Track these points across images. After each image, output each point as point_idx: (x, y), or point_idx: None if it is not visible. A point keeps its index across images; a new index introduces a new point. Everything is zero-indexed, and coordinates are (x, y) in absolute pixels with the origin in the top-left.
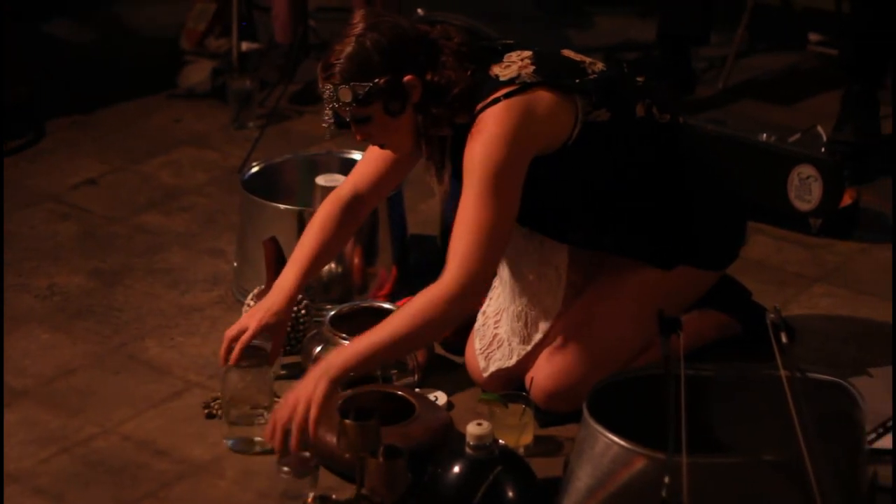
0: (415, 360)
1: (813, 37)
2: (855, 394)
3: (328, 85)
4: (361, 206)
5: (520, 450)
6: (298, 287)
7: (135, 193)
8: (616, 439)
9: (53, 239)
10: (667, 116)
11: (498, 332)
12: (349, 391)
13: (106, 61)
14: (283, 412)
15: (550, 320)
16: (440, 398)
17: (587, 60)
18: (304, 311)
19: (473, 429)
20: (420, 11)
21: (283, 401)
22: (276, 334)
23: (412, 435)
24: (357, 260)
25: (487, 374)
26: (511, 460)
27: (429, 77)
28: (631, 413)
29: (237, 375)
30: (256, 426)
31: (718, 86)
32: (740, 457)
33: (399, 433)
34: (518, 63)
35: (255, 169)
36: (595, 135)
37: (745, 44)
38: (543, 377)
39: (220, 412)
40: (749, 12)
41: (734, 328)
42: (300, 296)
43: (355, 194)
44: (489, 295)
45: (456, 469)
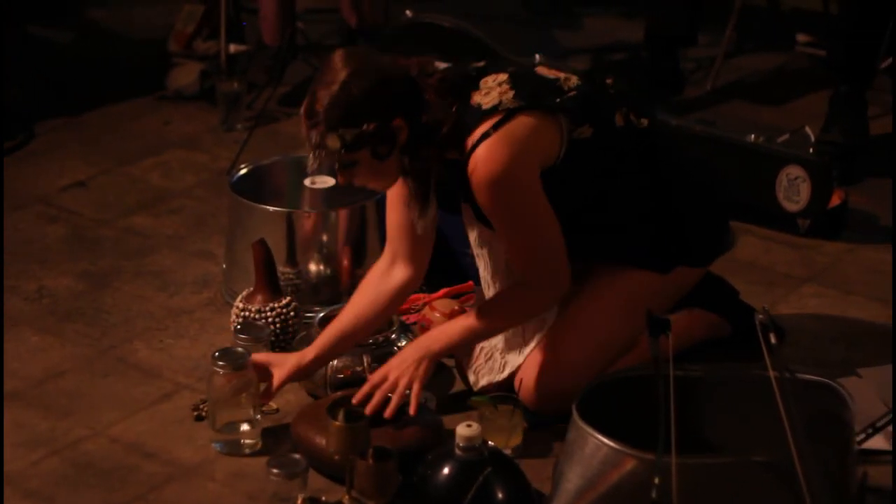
0: None
1: (801, 37)
2: (844, 394)
3: (314, 132)
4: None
5: (509, 451)
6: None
7: (124, 195)
8: (605, 440)
9: (42, 241)
10: (644, 121)
11: (484, 345)
12: (339, 393)
13: (95, 63)
14: (386, 385)
15: (545, 329)
16: (430, 399)
17: (562, 76)
18: (293, 313)
19: (463, 430)
20: (408, 13)
21: (382, 373)
22: (275, 380)
23: (402, 436)
24: (346, 262)
25: (477, 389)
26: (501, 462)
27: (415, 118)
28: (620, 414)
29: (223, 380)
30: (243, 431)
31: (707, 86)
32: (730, 457)
33: (388, 435)
34: (497, 89)
35: (244, 171)
36: (581, 152)
37: (733, 44)
38: (532, 379)
39: (207, 415)
40: (737, 13)
41: (724, 328)
42: (289, 298)
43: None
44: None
45: (445, 470)
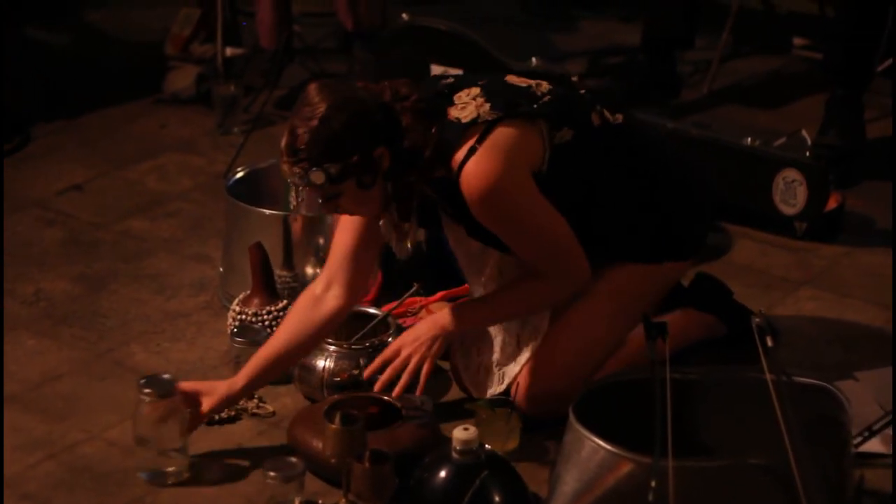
0: None
1: (797, 41)
2: (841, 397)
3: (296, 169)
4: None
5: (506, 454)
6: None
7: (120, 199)
8: (602, 444)
9: (39, 245)
10: (619, 117)
11: (482, 361)
12: (335, 396)
13: (91, 66)
14: (398, 362)
15: (539, 338)
16: (426, 403)
17: (532, 83)
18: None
19: (460, 433)
20: (405, 16)
21: (395, 347)
22: (203, 407)
23: (398, 440)
24: None
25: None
26: (498, 465)
27: (396, 144)
28: (617, 417)
29: (149, 408)
30: (169, 459)
31: (703, 90)
32: (726, 460)
33: (385, 438)
34: (472, 103)
35: (241, 174)
36: (564, 156)
37: (730, 48)
38: (527, 382)
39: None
40: (733, 16)
41: (718, 328)
42: (286, 301)
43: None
44: None
45: (442, 474)
